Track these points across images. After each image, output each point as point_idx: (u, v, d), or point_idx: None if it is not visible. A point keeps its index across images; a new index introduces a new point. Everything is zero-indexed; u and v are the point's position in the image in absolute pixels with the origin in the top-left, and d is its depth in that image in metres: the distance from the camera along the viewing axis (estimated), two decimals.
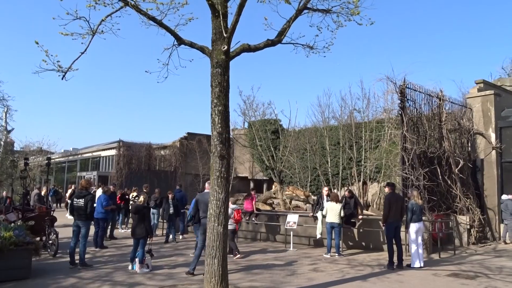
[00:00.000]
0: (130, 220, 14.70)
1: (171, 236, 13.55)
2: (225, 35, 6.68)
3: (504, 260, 10.40)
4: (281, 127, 22.38)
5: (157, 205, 14.53)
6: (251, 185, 24.46)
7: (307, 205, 18.48)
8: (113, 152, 26.28)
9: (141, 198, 9.67)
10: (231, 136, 23.35)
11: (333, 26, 7.73)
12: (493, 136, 14.44)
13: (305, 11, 7.39)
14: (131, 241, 9.67)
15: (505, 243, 13.18)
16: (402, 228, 10.13)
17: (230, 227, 11.30)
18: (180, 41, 7.21)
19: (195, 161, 23.98)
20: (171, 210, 13.72)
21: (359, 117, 19.77)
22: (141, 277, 8.32)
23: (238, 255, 10.45)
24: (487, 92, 14.86)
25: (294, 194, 19.48)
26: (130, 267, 9.07)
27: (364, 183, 18.56)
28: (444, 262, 10.19)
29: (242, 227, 14.18)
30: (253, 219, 13.77)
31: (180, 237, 14.12)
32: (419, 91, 13.05)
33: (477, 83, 15.33)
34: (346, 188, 16.01)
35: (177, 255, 10.96)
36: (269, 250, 11.96)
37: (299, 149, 21.52)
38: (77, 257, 9.20)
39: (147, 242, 9.15)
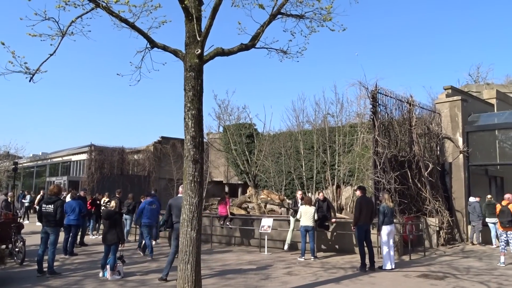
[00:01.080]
0: (102, 226, 14.40)
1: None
2: (198, 38, 6.67)
3: (471, 261, 10.72)
4: (256, 131, 22.44)
5: (130, 210, 14.27)
6: (226, 189, 24.38)
7: (282, 209, 18.57)
8: (84, 156, 25.70)
9: (113, 203, 9.48)
10: (205, 140, 23.42)
11: (306, 32, 7.81)
12: (460, 140, 14.91)
13: (279, 16, 7.46)
14: (102, 248, 9.45)
15: (473, 244, 13.59)
16: (373, 231, 10.31)
17: None
18: (153, 44, 7.14)
19: (169, 166, 23.71)
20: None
21: (332, 121, 20.08)
22: (112, 284, 8.14)
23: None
24: (455, 97, 15.34)
25: (269, 198, 19.55)
26: (101, 274, 8.86)
27: (338, 186, 18.80)
28: (415, 263, 10.42)
29: (216, 232, 14.12)
30: (227, 223, 13.71)
31: (153, 242, 13.87)
32: (390, 97, 13.35)
33: (445, 89, 15.81)
34: (319, 191, 16.19)
35: (150, 261, 10.79)
36: (243, 254, 11.93)
37: (273, 153, 21.62)
38: (45, 265, 8.93)
39: (119, 248, 8.98)
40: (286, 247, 12.12)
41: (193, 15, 6.59)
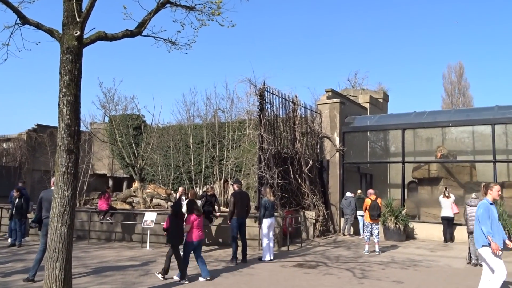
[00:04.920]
0: None
1: (9, 240, 12.07)
2: (78, 19, 6.19)
3: (341, 250, 11.75)
4: (144, 123, 21.74)
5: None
6: (110, 182, 23.19)
7: (169, 203, 18.29)
8: None
9: None
10: (88, 130, 21.89)
11: (197, 24, 7.76)
12: (337, 140, 16.22)
13: (168, 5, 7.28)
14: None
15: (344, 235, 14.90)
16: (255, 224, 10.66)
17: None
18: (24, 20, 6.42)
19: (46, 156, 21.67)
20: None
21: (223, 117, 20.36)
22: None
23: None
24: (334, 100, 16.61)
25: (155, 192, 19.13)
26: None
27: (226, 181, 19.13)
28: (292, 254, 11.06)
29: (95, 228, 13.32)
30: (107, 218, 13.02)
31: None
32: (276, 95, 13.94)
33: (326, 92, 17.01)
34: (208, 186, 16.32)
35: (15, 261, 9.75)
36: (124, 250, 11.46)
37: (162, 146, 21.17)
38: None
39: None
40: None
41: None
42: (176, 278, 7.87)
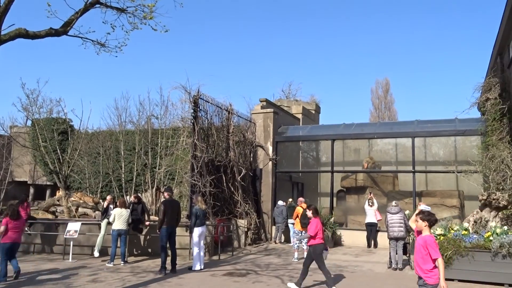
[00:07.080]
0: None
1: None
2: None
3: (272, 258, 11.89)
4: (71, 128, 20.66)
5: None
6: (31, 190, 21.69)
7: (97, 212, 17.47)
8: None
9: None
10: (7, 134, 20.36)
11: (129, 27, 7.59)
12: (270, 149, 16.49)
13: (97, 5, 7.05)
14: None
15: (275, 243, 15.11)
16: (186, 233, 10.47)
17: None
18: None
19: None
20: None
21: (156, 123, 19.90)
22: None
23: None
24: (268, 110, 16.90)
25: (81, 201, 18.18)
26: None
27: (158, 189, 18.65)
28: (223, 262, 11.00)
29: None
30: (26, 229, 12.11)
31: None
32: (211, 103, 13.89)
33: (261, 101, 17.27)
34: (135, 195, 15.80)
35: None
36: (43, 263, 10.72)
37: (91, 152, 20.23)
38: None
39: None
40: (96, 253, 11.42)
41: None
42: None
